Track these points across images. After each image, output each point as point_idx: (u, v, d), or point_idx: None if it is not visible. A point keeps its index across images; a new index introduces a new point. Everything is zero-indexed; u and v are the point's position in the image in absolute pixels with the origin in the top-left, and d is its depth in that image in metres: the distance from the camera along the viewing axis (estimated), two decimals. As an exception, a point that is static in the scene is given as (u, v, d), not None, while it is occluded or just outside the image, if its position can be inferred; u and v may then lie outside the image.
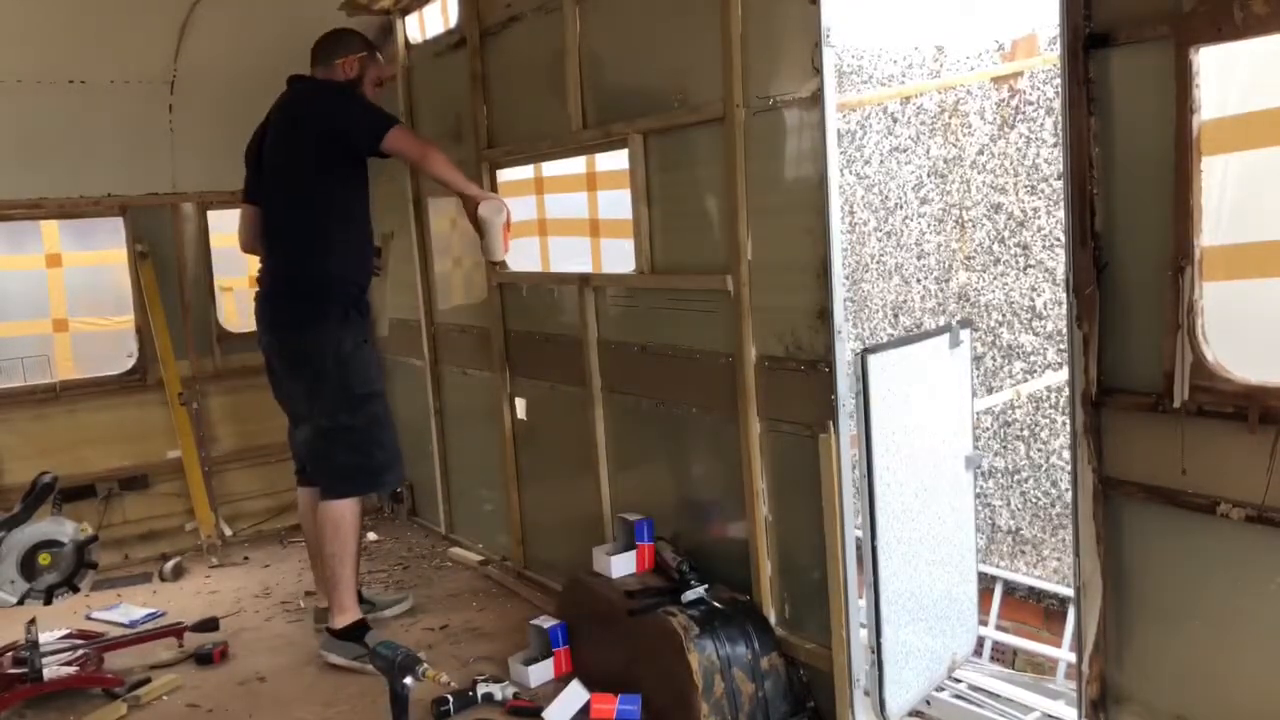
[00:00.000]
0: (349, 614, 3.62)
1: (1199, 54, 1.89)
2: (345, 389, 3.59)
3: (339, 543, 3.61)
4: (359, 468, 3.64)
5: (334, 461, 3.64)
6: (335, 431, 3.60)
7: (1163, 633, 2.13)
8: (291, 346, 3.65)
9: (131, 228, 4.89)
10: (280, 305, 3.65)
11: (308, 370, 3.61)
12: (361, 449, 3.63)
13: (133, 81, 4.65)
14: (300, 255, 3.60)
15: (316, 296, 3.57)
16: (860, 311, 4.74)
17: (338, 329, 3.56)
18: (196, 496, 4.95)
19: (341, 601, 3.62)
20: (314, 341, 3.57)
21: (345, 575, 3.62)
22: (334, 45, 3.74)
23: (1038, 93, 3.95)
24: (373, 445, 3.65)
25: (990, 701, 2.90)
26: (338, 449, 3.62)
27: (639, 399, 3.49)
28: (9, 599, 3.37)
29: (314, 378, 3.60)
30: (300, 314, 3.59)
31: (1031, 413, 4.07)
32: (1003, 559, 4.23)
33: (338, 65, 3.68)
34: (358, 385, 3.61)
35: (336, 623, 3.62)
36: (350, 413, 3.60)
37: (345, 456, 3.62)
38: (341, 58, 3.69)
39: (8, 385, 4.70)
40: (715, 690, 2.84)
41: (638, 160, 3.31)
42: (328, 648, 3.61)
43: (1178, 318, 1.95)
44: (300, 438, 3.80)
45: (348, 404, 3.60)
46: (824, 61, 2.59)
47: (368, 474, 3.70)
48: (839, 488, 2.69)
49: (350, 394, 3.59)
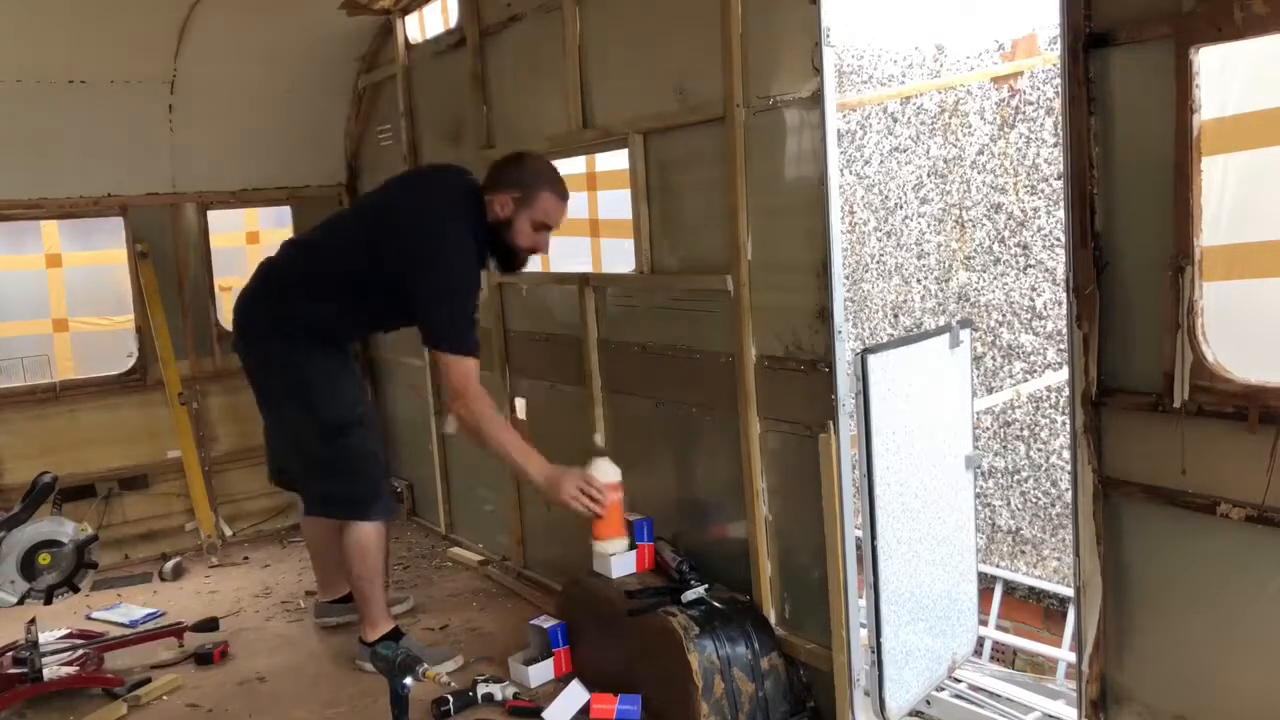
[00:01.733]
0: (381, 627, 3.53)
1: (1199, 54, 1.89)
2: (308, 419, 3.40)
3: (366, 567, 3.48)
4: (344, 499, 3.47)
5: (318, 489, 3.54)
6: (314, 461, 3.46)
7: (1163, 633, 2.13)
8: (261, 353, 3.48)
9: (131, 228, 4.89)
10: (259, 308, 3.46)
11: (275, 385, 3.47)
12: (342, 480, 3.45)
13: (133, 81, 4.64)
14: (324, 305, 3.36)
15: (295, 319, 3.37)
16: (860, 311, 4.74)
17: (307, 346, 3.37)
18: (196, 496, 4.95)
19: (373, 617, 3.53)
20: (282, 353, 3.39)
21: (376, 593, 3.52)
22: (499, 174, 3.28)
23: (1038, 93, 3.94)
24: (355, 478, 3.45)
25: (990, 701, 2.89)
26: (318, 477, 3.50)
27: (639, 399, 3.49)
28: (9, 599, 3.37)
29: (282, 396, 3.45)
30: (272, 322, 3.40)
31: (1031, 413, 4.07)
32: (1003, 559, 4.23)
33: (490, 201, 3.24)
34: (327, 414, 3.38)
35: (370, 636, 3.50)
36: (325, 443, 3.40)
37: (327, 485, 3.49)
38: (494, 193, 3.24)
39: (8, 385, 4.70)
40: (715, 690, 2.84)
41: (638, 160, 3.31)
42: (364, 658, 3.49)
43: (1178, 318, 1.95)
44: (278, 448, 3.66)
45: (318, 434, 3.40)
46: (824, 61, 2.59)
47: (350, 504, 3.47)
48: (839, 488, 2.69)
49: (320, 424, 3.39)
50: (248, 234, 5.82)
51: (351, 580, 3.57)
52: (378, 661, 2.68)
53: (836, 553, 2.72)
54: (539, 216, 3.25)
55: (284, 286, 3.44)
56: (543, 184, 3.25)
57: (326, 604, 3.95)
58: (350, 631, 3.76)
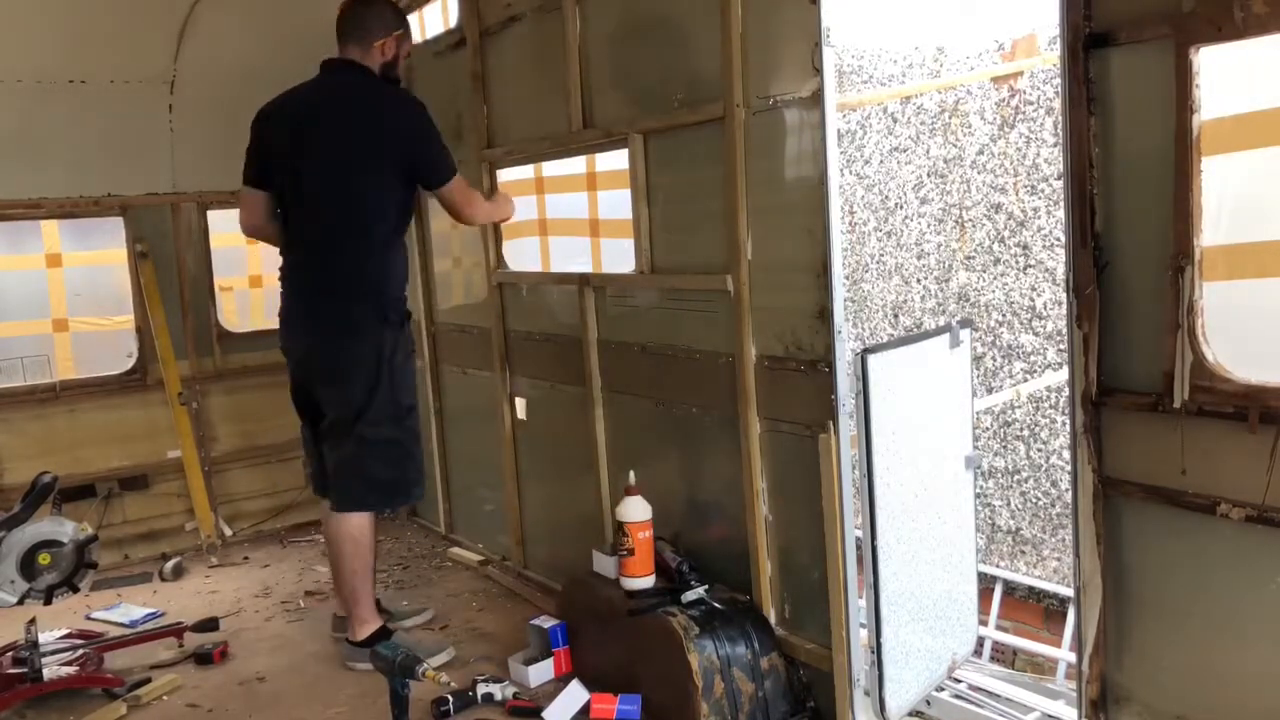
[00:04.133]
0: (370, 624, 3.55)
1: (1199, 54, 1.89)
2: (395, 400, 3.46)
3: (360, 559, 3.52)
4: (395, 481, 3.54)
5: (369, 474, 3.50)
6: (378, 444, 3.46)
7: (1163, 633, 2.13)
8: (341, 351, 3.45)
9: (131, 228, 4.90)
10: (329, 306, 3.45)
11: (358, 377, 3.42)
12: (399, 463, 3.52)
13: (133, 81, 4.65)
14: (356, 256, 3.42)
15: (373, 300, 3.42)
16: (860, 311, 4.74)
17: (394, 335, 3.45)
18: (196, 496, 4.95)
19: (362, 615, 3.55)
20: (370, 347, 3.41)
21: (365, 589, 3.55)
22: (370, 20, 3.46)
23: (1038, 93, 3.94)
24: (408, 459, 3.56)
25: (990, 701, 2.89)
26: (376, 462, 3.48)
27: (639, 399, 3.49)
28: (9, 599, 3.37)
29: (366, 386, 3.42)
30: (355, 317, 3.41)
31: (1031, 413, 4.06)
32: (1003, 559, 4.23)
33: (376, 47, 3.45)
34: (405, 397, 3.51)
35: (359, 634, 3.52)
36: (397, 424, 3.48)
37: (383, 470, 3.50)
38: (380, 38, 3.45)
39: (8, 385, 4.70)
40: (715, 690, 2.84)
41: (638, 160, 3.31)
42: (352, 657, 3.51)
43: (1178, 318, 1.95)
44: (327, 448, 3.57)
45: (396, 416, 3.48)
46: (824, 61, 2.59)
47: (403, 487, 3.58)
48: (839, 488, 2.69)
49: (399, 405, 3.48)
50: (248, 234, 5.82)
51: (343, 577, 3.55)
52: (378, 661, 2.68)
53: (836, 553, 2.72)
54: (410, 41, 3.64)
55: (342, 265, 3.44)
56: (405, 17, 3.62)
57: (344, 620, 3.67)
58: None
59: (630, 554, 3.14)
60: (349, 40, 3.47)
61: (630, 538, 3.12)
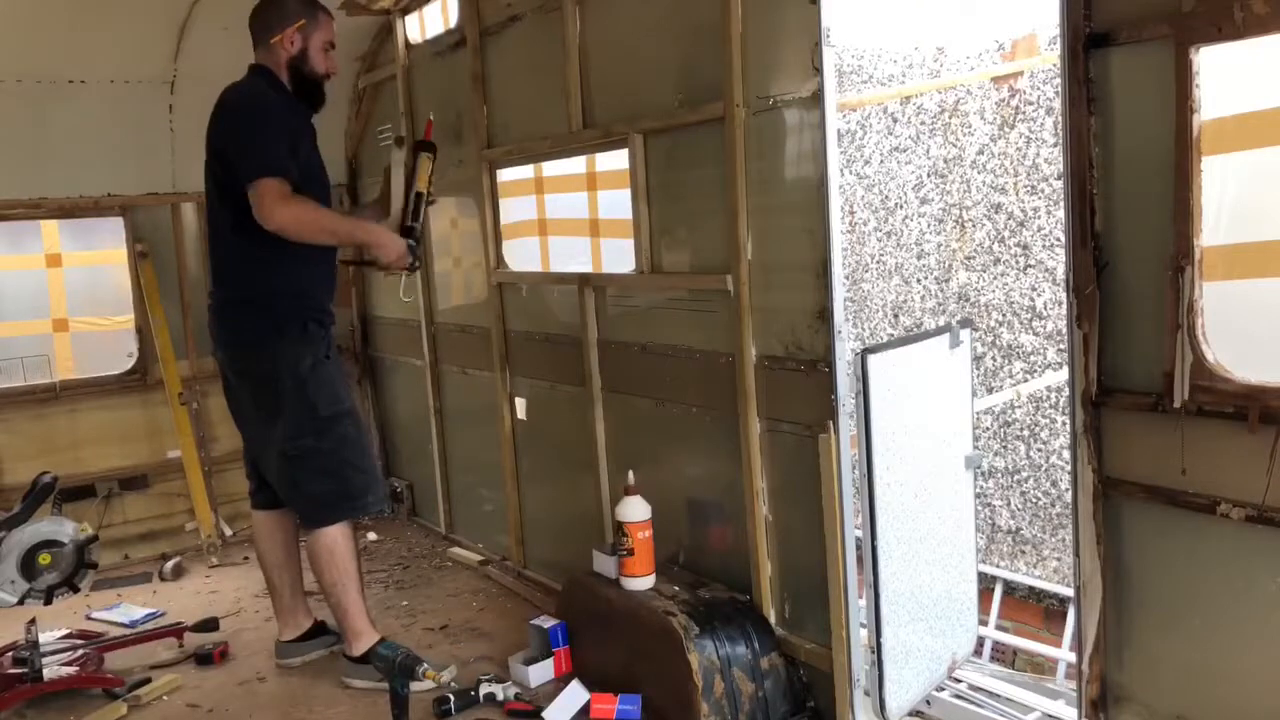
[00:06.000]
0: (365, 638, 3.40)
1: (1199, 54, 1.89)
2: (309, 410, 3.28)
3: (337, 570, 3.37)
4: (336, 494, 3.35)
5: (306, 490, 3.35)
6: (302, 457, 3.30)
7: (1163, 633, 2.13)
8: (246, 365, 3.37)
9: (131, 228, 4.90)
10: (230, 319, 3.36)
11: (266, 391, 3.31)
12: (335, 473, 3.33)
13: (133, 81, 4.64)
14: (247, 267, 3.29)
15: (269, 311, 3.27)
16: (860, 311, 4.74)
17: (295, 345, 3.27)
18: (196, 496, 4.95)
19: (355, 627, 3.42)
20: (270, 360, 3.27)
21: (352, 600, 3.41)
22: (269, 16, 3.31)
23: (1038, 93, 3.94)
24: (346, 468, 3.35)
25: (990, 701, 2.90)
26: (308, 476, 3.32)
27: (639, 399, 3.49)
28: (9, 599, 3.37)
29: (274, 399, 3.30)
30: (253, 330, 3.30)
31: (1031, 413, 4.07)
32: (1003, 559, 4.23)
33: (275, 45, 3.29)
34: (323, 406, 3.30)
35: (355, 649, 3.41)
36: (316, 436, 3.30)
37: (318, 484, 3.33)
38: (278, 33, 3.28)
39: (8, 385, 4.69)
40: (715, 690, 2.84)
41: (638, 160, 3.31)
42: (349, 674, 3.43)
43: (1178, 318, 1.95)
44: (262, 463, 3.49)
45: (313, 427, 3.29)
46: (824, 61, 2.59)
47: (347, 499, 3.38)
48: (839, 488, 2.69)
49: (315, 415, 3.29)
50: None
51: (326, 591, 3.43)
52: (378, 662, 2.68)
53: (836, 553, 2.72)
54: (328, 35, 3.37)
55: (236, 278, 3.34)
56: (315, 4, 3.37)
57: (287, 644, 3.65)
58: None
59: (630, 554, 3.14)
60: (254, 41, 3.37)
61: (630, 537, 3.13)
